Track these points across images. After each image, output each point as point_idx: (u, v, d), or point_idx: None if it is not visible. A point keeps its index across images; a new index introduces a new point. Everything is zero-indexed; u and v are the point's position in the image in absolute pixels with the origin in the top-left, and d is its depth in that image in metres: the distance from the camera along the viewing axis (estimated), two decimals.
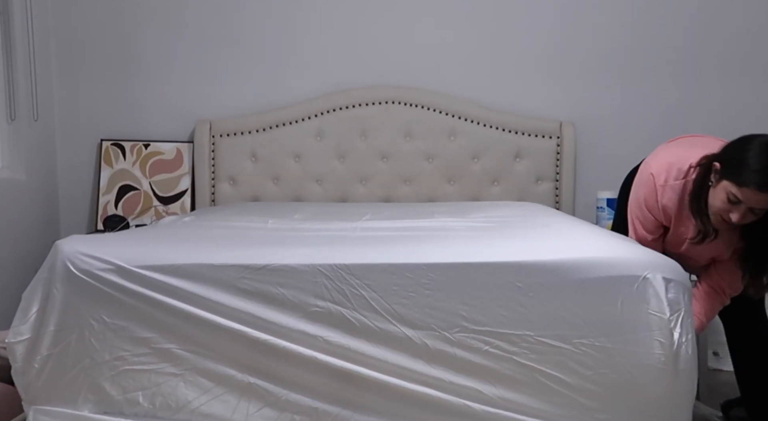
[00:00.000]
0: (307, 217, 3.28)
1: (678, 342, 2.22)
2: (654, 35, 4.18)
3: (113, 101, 4.28)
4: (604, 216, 3.85)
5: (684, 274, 2.34)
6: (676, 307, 2.23)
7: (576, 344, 2.26)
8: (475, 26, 4.23)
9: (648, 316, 2.23)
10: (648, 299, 2.24)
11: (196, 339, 2.33)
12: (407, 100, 4.19)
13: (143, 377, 2.35)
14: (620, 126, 4.22)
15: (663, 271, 2.28)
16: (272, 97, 4.27)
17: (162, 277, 2.34)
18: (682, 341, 2.22)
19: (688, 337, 2.23)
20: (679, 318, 2.23)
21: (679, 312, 2.23)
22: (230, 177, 4.21)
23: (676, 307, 2.23)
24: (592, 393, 2.26)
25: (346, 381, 2.28)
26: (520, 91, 4.25)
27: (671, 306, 2.23)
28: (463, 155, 4.17)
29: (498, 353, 2.27)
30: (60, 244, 2.44)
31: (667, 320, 2.22)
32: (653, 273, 2.26)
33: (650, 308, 2.24)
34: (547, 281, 2.27)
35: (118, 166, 4.21)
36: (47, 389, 2.36)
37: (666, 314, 2.22)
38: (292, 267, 2.33)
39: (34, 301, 2.38)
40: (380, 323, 2.29)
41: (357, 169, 4.20)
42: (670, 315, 2.22)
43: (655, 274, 2.26)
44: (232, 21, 4.25)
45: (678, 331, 2.22)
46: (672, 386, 2.24)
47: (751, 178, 2.39)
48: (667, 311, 2.22)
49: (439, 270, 2.30)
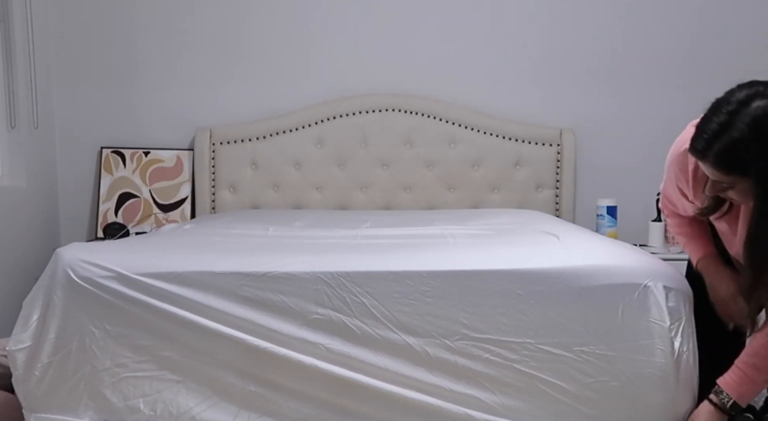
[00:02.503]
0: (307, 224, 3.28)
1: (679, 351, 2.22)
2: (654, 43, 4.19)
3: (113, 109, 4.29)
4: (604, 223, 3.85)
5: (685, 282, 2.34)
6: (677, 315, 2.24)
7: (576, 352, 2.26)
8: (475, 34, 4.24)
9: (649, 324, 2.24)
10: (649, 307, 2.24)
11: (196, 347, 2.33)
12: (407, 108, 4.19)
13: (144, 384, 2.35)
14: (620, 134, 4.23)
15: (664, 279, 2.28)
16: (272, 104, 4.27)
17: (163, 284, 2.34)
18: (683, 350, 2.22)
19: (689, 346, 2.23)
20: (680, 327, 2.23)
21: (680, 321, 2.23)
22: (230, 184, 4.21)
23: (677, 315, 2.24)
24: (593, 401, 2.26)
25: (347, 389, 2.28)
26: (521, 99, 4.26)
27: (672, 315, 2.23)
28: (464, 163, 4.18)
29: (498, 361, 2.28)
30: (60, 251, 2.45)
31: (668, 328, 2.22)
32: (654, 281, 2.27)
33: (651, 316, 2.24)
34: (548, 288, 2.28)
35: (118, 173, 4.21)
36: (48, 396, 2.36)
37: (667, 323, 2.23)
38: (293, 274, 2.33)
39: (35, 308, 2.38)
40: (381, 331, 2.29)
41: (357, 177, 4.20)
42: (671, 324, 2.23)
43: (656, 282, 2.26)
44: (232, 29, 4.26)
45: (679, 340, 2.22)
46: (673, 395, 2.24)
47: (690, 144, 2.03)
48: (668, 320, 2.23)
49: (440, 278, 2.30)
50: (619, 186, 4.18)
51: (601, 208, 3.89)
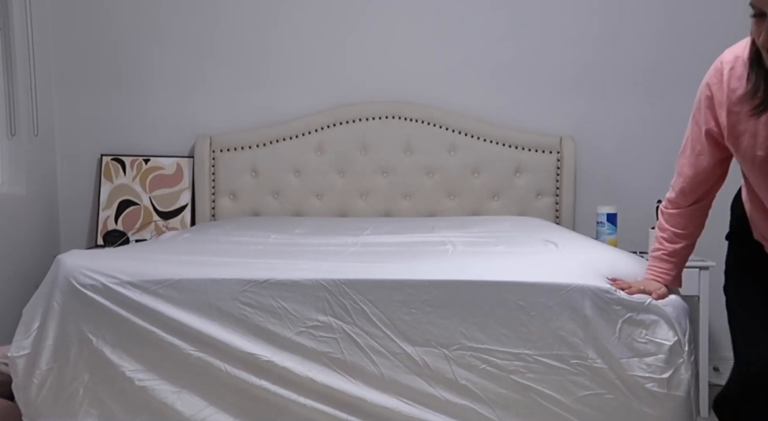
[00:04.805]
0: (308, 231, 3.28)
1: (677, 366, 2.22)
2: (655, 50, 4.19)
3: (113, 116, 4.29)
4: (604, 231, 3.85)
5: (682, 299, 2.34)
6: (676, 330, 2.23)
7: (573, 365, 2.25)
8: (474, 42, 4.24)
9: (647, 338, 2.23)
10: (648, 321, 2.24)
11: (195, 355, 2.32)
12: (407, 115, 4.19)
13: (142, 393, 2.34)
14: (620, 141, 4.23)
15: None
16: (272, 112, 4.27)
17: (162, 291, 2.35)
18: (681, 365, 2.22)
19: (688, 361, 2.23)
20: (679, 341, 2.22)
21: (678, 335, 2.23)
22: (230, 192, 4.21)
23: (676, 330, 2.23)
24: (588, 415, 2.25)
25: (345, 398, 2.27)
26: (521, 106, 4.26)
27: (671, 329, 2.23)
28: (463, 170, 4.18)
29: (495, 372, 2.27)
30: (61, 258, 2.45)
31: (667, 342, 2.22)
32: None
33: (649, 330, 2.23)
34: (549, 300, 2.27)
35: (118, 181, 4.21)
36: (47, 403, 2.36)
37: (666, 337, 2.22)
38: (294, 281, 2.33)
39: (36, 315, 2.38)
40: (380, 339, 2.29)
41: (357, 184, 4.20)
42: (670, 338, 2.22)
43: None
44: (232, 36, 4.27)
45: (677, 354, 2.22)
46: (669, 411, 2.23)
47: None
48: (667, 334, 2.22)
49: (441, 287, 2.30)
50: (619, 193, 4.18)
51: (601, 215, 3.89)
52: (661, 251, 2.36)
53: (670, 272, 2.35)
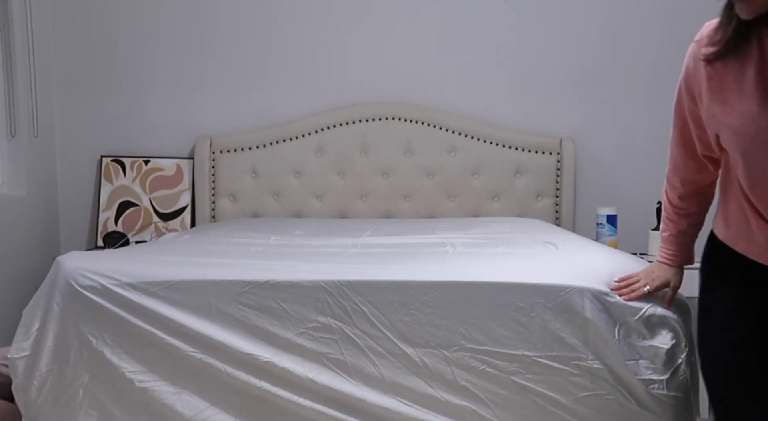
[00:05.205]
0: (308, 233, 3.28)
1: (676, 367, 2.22)
2: (654, 50, 4.19)
3: (113, 118, 4.29)
4: (604, 232, 3.85)
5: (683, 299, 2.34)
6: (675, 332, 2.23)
7: (573, 366, 2.25)
8: (474, 43, 4.25)
9: (646, 340, 2.23)
10: (647, 323, 2.23)
11: (195, 357, 2.32)
12: (407, 117, 4.20)
13: (142, 394, 2.34)
14: (620, 142, 4.23)
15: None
16: (272, 113, 4.28)
17: (162, 293, 2.34)
18: (680, 366, 2.22)
19: (687, 361, 2.23)
20: (679, 342, 2.22)
21: (678, 337, 2.23)
22: (230, 193, 4.21)
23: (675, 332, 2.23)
24: (587, 416, 2.24)
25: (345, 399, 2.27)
26: (520, 108, 4.27)
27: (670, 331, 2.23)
28: (463, 171, 4.18)
29: (494, 373, 2.27)
30: (61, 259, 2.45)
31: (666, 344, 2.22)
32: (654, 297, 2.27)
33: (649, 331, 2.23)
34: (549, 301, 2.26)
35: (118, 182, 4.21)
36: (47, 405, 2.35)
37: (665, 340, 2.22)
38: (294, 283, 2.33)
39: (36, 317, 2.38)
40: (380, 340, 2.29)
41: (357, 185, 4.20)
42: (669, 340, 2.22)
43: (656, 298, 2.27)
44: (232, 38, 4.27)
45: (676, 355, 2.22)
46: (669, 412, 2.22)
47: None
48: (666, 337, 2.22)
49: (441, 288, 2.30)
50: (619, 195, 4.18)
51: (601, 216, 3.89)
52: (668, 231, 2.28)
53: (678, 254, 2.26)
